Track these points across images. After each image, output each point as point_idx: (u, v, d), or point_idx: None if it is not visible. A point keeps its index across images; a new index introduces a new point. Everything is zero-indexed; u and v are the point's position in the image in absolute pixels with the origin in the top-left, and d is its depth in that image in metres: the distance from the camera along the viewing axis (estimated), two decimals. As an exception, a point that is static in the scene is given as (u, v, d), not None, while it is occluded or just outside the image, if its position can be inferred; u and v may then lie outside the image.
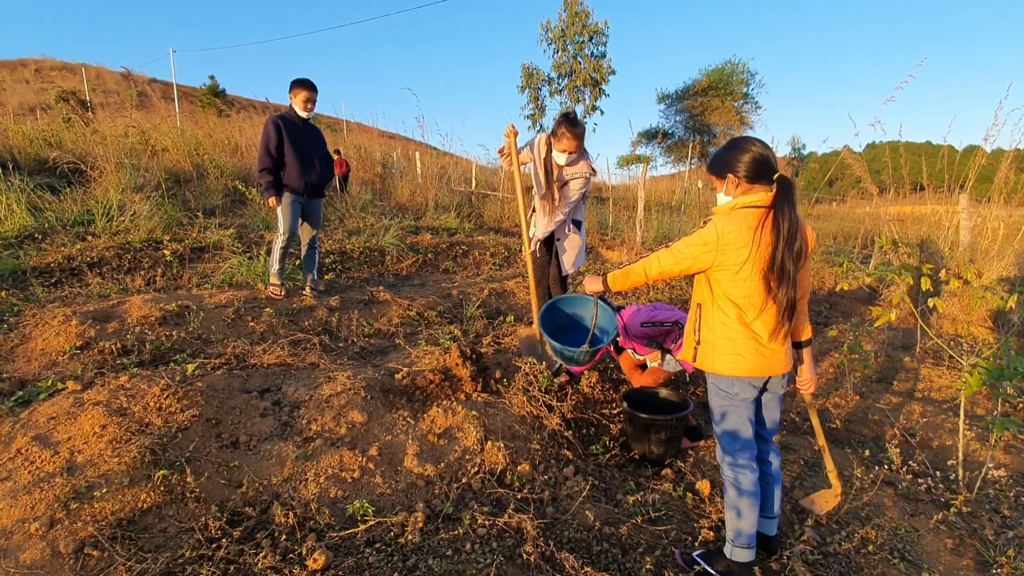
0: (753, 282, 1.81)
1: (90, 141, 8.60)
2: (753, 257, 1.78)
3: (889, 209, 7.51)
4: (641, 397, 3.01)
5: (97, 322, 3.48)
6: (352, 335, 3.95)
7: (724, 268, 1.82)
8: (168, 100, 22.03)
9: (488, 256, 7.61)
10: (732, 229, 1.79)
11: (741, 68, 23.99)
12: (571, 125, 3.27)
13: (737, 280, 1.82)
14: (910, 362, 4.69)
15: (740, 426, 1.94)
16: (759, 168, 1.84)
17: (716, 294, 1.89)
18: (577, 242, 3.64)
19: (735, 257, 1.79)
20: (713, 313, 1.90)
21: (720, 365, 1.88)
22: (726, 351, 1.87)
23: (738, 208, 1.86)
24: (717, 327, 1.88)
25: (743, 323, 1.85)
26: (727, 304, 1.87)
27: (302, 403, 2.72)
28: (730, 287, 1.84)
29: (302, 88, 4.16)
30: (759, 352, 1.85)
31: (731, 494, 1.97)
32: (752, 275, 1.80)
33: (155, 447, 2.20)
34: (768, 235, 1.79)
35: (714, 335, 1.89)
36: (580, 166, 3.46)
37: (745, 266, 1.79)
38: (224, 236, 5.86)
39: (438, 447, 2.56)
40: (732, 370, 1.87)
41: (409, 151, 15.22)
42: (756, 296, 1.82)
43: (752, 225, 1.80)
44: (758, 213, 1.82)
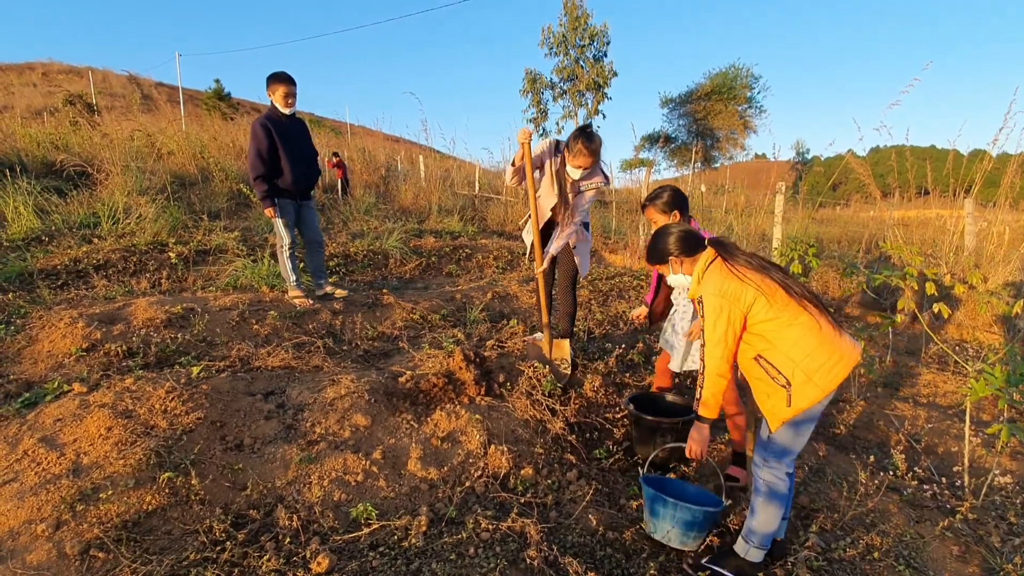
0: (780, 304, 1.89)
1: (96, 144, 8.66)
2: (757, 287, 1.89)
3: (893, 213, 7.49)
4: (646, 400, 3.01)
5: (103, 324, 3.50)
6: (356, 338, 3.95)
7: (754, 311, 1.90)
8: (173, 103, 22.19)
9: (491, 259, 7.62)
10: (718, 282, 1.92)
11: (745, 72, 24.01)
12: (588, 141, 3.10)
13: (772, 311, 1.88)
14: (916, 367, 4.67)
15: (803, 436, 1.96)
16: (688, 241, 2.08)
17: (771, 337, 1.91)
18: (588, 244, 3.65)
19: (748, 297, 1.89)
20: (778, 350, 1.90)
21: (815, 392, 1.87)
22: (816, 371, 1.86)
23: (702, 272, 2.01)
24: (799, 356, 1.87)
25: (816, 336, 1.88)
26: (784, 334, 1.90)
27: (306, 406, 2.73)
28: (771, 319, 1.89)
29: (280, 83, 3.99)
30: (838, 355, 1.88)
31: (764, 497, 1.98)
32: (774, 300, 1.88)
33: (160, 449, 2.21)
34: (747, 271, 1.93)
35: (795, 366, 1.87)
36: (595, 179, 3.36)
37: (760, 299, 1.88)
38: (229, 239, 5.89)
39: (441, 451, 2.56)
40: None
41: (412, 154, 15.26)
42: (794, 310, 1.89)
43: (725, 273, 1.94)
44: (718, 263, 1.98)
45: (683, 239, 2.08)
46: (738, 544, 2.05)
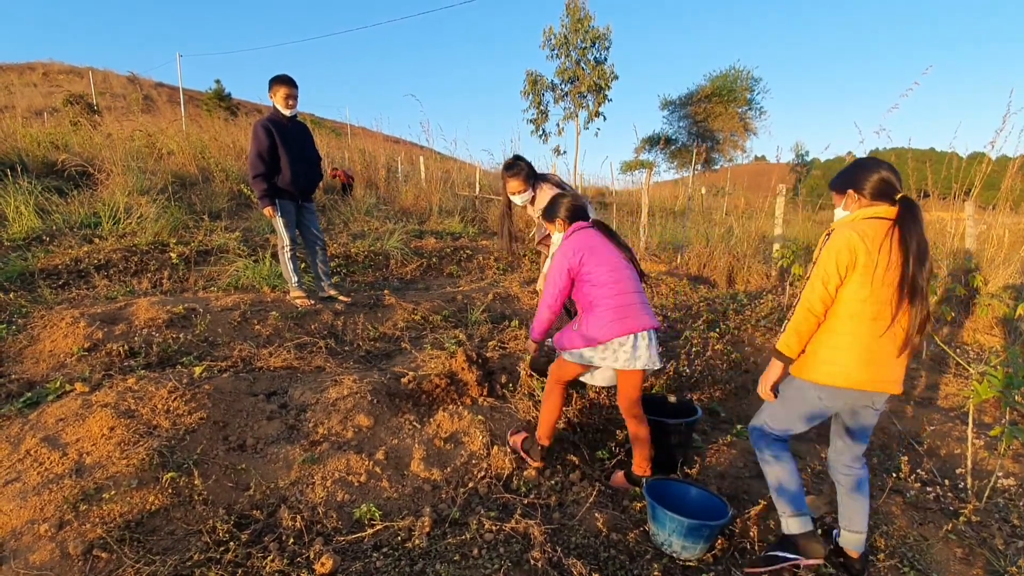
0: (885, 291, 1.82)
1: (97, 144, 8.65)
2: (882, 267, 1.78)
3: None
4: (649, 402, 3.00)
5: (105, 324, 3.50)
6: (358, 339, 3.95)
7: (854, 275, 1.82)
8: (174, 104, 22.18)
9: (492, 261, 7.62)
10: (857, 235, 1.80)
11: (745, 74, 24.03)
12: (506, 170, 3.41)
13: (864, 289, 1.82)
14: (916, 369, 4.67)
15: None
16: (883, 187, 1.85)
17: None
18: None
19: (868, 271, 1.80)
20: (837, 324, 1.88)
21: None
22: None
23: (860, 219, 1.87)
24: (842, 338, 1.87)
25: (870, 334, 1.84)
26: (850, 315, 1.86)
27: (308, 406, 2.72)
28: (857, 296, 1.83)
29: (281, 85, 4.00)
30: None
31: (764, 461, 2.13)
32: (883, 284, 1.81)
33: (163, 449, 2.21)
34: (896, 249, 1.80)
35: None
36: (543, 199, 3.36)
37: (875, 273, 1.79)
38: (230, 239, 5.88)
39: (444, 451, 2.55)
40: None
41: (413, 155, 15.27)
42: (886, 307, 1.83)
43: (879, 234, 1.81)
44: (884, 224, 1.83)
45: (883, 182, 1.87)
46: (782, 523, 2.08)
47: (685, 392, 3.75)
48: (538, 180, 3.49)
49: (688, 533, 2.02)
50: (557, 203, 2.61)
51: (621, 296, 2.31)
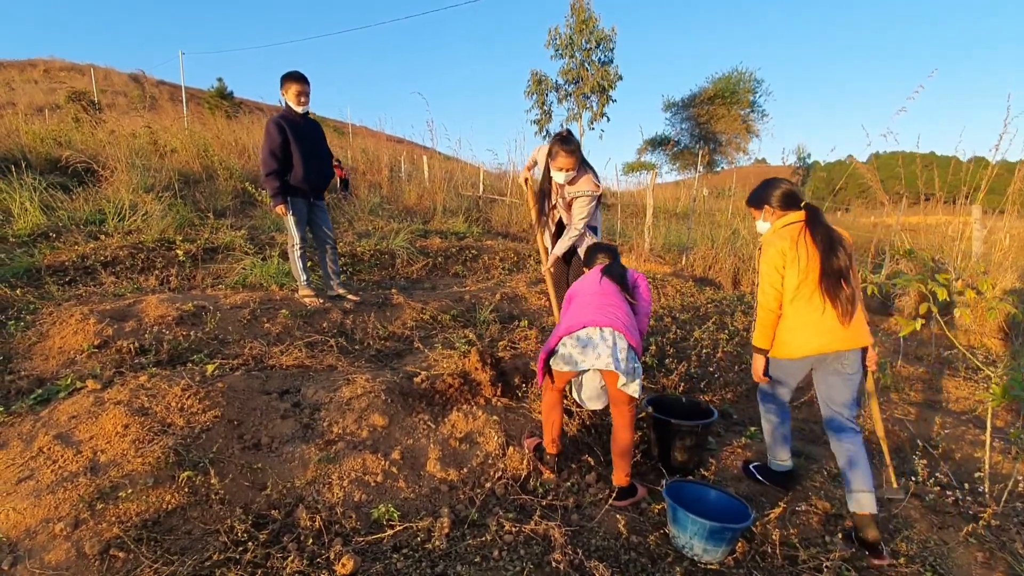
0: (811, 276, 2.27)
1: (100, 141, 8.63)
2: (803, 259, 2.25)
3: (901, 219, 7.49)
4: (664, 402, 2.98)
5: (114, 321, 3.47)
6: (368, 337, 3.93)
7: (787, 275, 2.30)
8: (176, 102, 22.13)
9: (497, 260, 7.61)
10: (780, 242, 2.29)
11: (748, 76, 24.01)
12: (563, 143, 3.23)
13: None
14: (925, 372, 4.65)
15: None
16: (789, 198, 2.38)
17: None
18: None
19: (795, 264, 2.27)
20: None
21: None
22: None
23: (778, 228, 2.36)
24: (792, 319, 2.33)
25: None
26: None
27: (322, 405, 2.70)
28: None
29: (293, 82, 3.98)
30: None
31: (765, 419, 2.61)
32: (808, 272, 2.27)
33: (178, 447, 2.18)
34: (811, 244, 2.28)
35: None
36: (583, 183, 3.37)
37: (799, 265, 2.26)
38: (236, 237, 5.86)
39: (460, 452, 2.53)
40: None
41: (415, 155, 15.25)
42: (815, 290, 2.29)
43: (795, 236, 2.29)
44: (797, 227, 2.32)
45: (786, 195, 2.39)
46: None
47: (696, 394, 3.73)
48: (585, 164, 3.39)
49: (710, 536, 1.99)
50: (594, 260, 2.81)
51: (577, 312, 2.44)
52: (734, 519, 2.08)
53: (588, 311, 2.37)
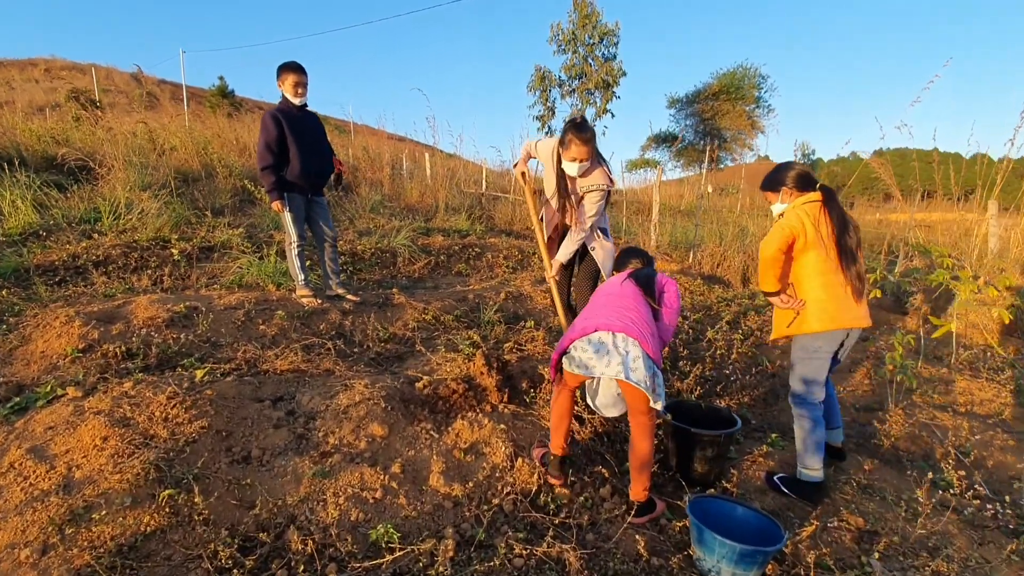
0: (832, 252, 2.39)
1: (98, 139, 8.47)
2: (824, 234, 2.36)
3: (915, 215, 7.29)
4: (681, 409, 2.81)
5: (101, 323, 3.31)
6: (367, 340, 3.76)
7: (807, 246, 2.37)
8: (177, 101, 21.97)
9: (501, 259, 7.44)
10: (803, 213, 2.38)
11: (753, 72, 23.78)
12: (577, 131, 2.93)
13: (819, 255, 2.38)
14: (947, 373, 4.46)
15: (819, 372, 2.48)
16: (805, 178, 2.50)
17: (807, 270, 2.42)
18: (609, 248, 3.40)
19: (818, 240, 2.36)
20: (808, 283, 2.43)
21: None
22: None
23: (800, 204, 2.43)
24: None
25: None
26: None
27: (318, 413, 2.53)
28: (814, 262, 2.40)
29: (290, 72, 3.78)
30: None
31: (800, 426, 2.49)
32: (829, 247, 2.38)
33: (160, 462, 2.02)
34: (829, 222, 2.38)
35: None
36: (595, 176, 3.11)
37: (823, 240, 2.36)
38: (233, 235, 5.70)
39: (465, 464, 2.36)
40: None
41: (416, 153, 15.08)
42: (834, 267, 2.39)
43: (816, 212, 2.39)
44: (816, 205, 2.41)
45: (802, 176, 2.51)
46: (800, 472, 2.49)
47: (712, 398, 3.55)
48: (599, 157, 3.15)
49: (740, 560, 1.82)
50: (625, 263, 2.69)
51: (592, 314, 2.30)
52: (765, 540, 1.91)
53: (603, 313, 2.20)
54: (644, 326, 2.16)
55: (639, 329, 2.12)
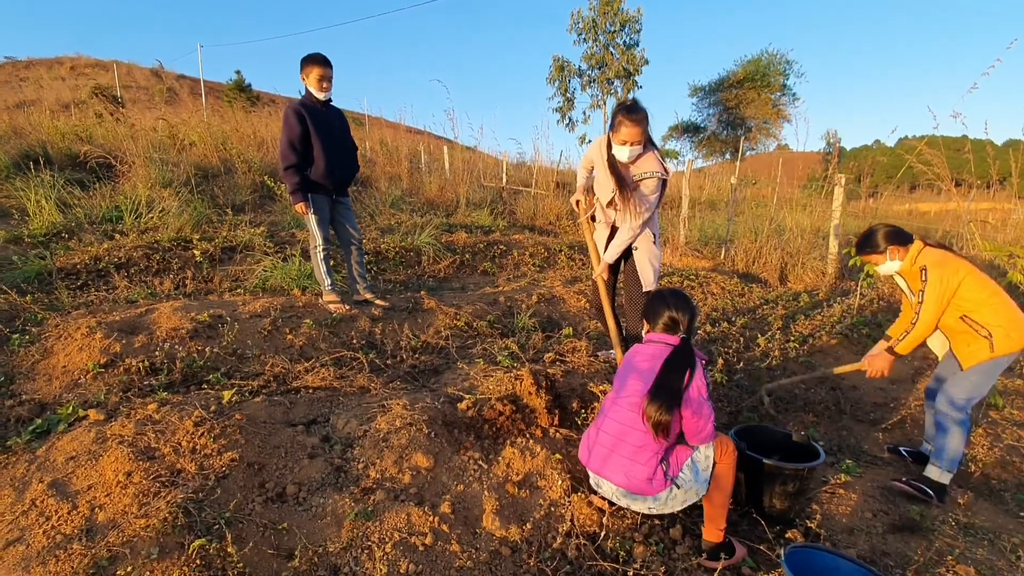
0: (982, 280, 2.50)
1: (120, 135, 8.38)
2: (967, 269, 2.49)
3: (970, 207, 6.87)
4: (750, 433, 2.55)
5: (123, 335, 3.14)
6: (400, 351, 3.55)
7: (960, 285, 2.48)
8: (195, 96, 22.00)
9: (527, 256, 7.19)
10: (950, 263, 2.50)
11: (779, 58, 23.04)
12: (628, 112, 2.76)
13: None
14: (1016, 383, 4.13)
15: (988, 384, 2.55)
16: (903, 234, 2.63)
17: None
18: (655, 253, 3.13)
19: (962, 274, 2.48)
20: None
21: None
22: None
23: (926, 254, 2.54)
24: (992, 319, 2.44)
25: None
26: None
27: (355, 440, 2.32)
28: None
29: (314, 64, 3.56)
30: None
31: (956, 431, 2.53)
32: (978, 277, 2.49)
33: (189, 504, 1.82)
34: (954, 254, 2.57)
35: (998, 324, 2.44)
36: (648, 162, 2.87)
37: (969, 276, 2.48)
38: (255, 235, 5.53)
39: (519, 500, 2.14)
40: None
41: (433, 147, 14.84)
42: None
43: (950, 257, 2.53)
44: (939, 251, 2.56)
45: (896, 234, 2.62)
46: (931, 470, 2.55)
47: (771, 418, 3.28)
48: (651, 143, 2.91)
49: None
50: (656, 310, 2.19)
51: (597, 433, 2.10)
52: None
53: (598, 452, 2.07)
54: (642, 471, 1.95)
55: (631, 480, 1.96)
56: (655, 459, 1.93)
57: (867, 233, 2.67)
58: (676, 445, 2.00)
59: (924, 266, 2.48)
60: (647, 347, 2.10)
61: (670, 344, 2.06)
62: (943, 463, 2.53)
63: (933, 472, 2.55)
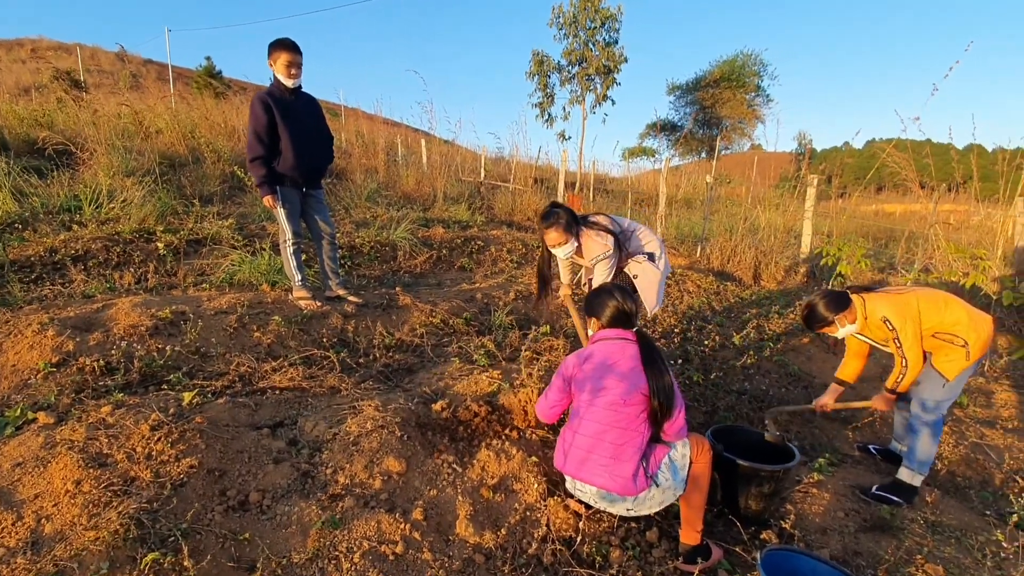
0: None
1: (82, 121, 8.02)
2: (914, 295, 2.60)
3: (936, 209, 7.04)
4: (725, 433, 2.54)
5: (77, 332, 2.98)
6: (373, 349, 3.45)
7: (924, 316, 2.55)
8: (163, 82, 21.28)
9: (505, 252, 7.12)
10: (901, 303, 2.55)
11: (754, 59, 23.37)
12: (543, 221, 3.00)
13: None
14: (985, 384, 4.24)
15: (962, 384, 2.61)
16: (844, 297, 2.59)
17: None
18: (655, 275, 3.08)
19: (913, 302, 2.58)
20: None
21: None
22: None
23: (880, 300, 2.58)
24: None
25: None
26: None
27: (324, 444, 2.24)
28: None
29: (282, 50, 3.38)
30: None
31: (929, 435, 2.57)
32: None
33: (143, 515, 1.71)
34: (905, 290, 2.64)
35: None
36: (590, 248, 2.99)
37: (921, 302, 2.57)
38: (223, 227, 5.34)
39: (494, 505, 2.08)
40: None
41: (411, 140, 14.63)
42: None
43: (901, 295, 2.60)
44: (887, 294, 2.63)
45: (837, 299, 2.58)
46: (904, 473, 2.59)
47: (742, 414, 3.30)
48: (579, 226, 3.01)
49: None
50: (603, 303, 2.15)
51: (573, 436, 2.02)
52: None
53: (575, 455, 1.99)
54: (623, 469, 1.90)
55: (612, 480, 1.91)
56: (638, 455, 1.91)
57: (809, 312, 2.65)
58: (653, 443, 1.98)
59: (884, 316, 2.51)
60: (611, 345, 2.05)
61: (629, 339, 2.05)
62: (915, 465, 2.57)
63: (905, 474, 2.58)
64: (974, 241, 6.62)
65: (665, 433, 1.96)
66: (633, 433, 1.91)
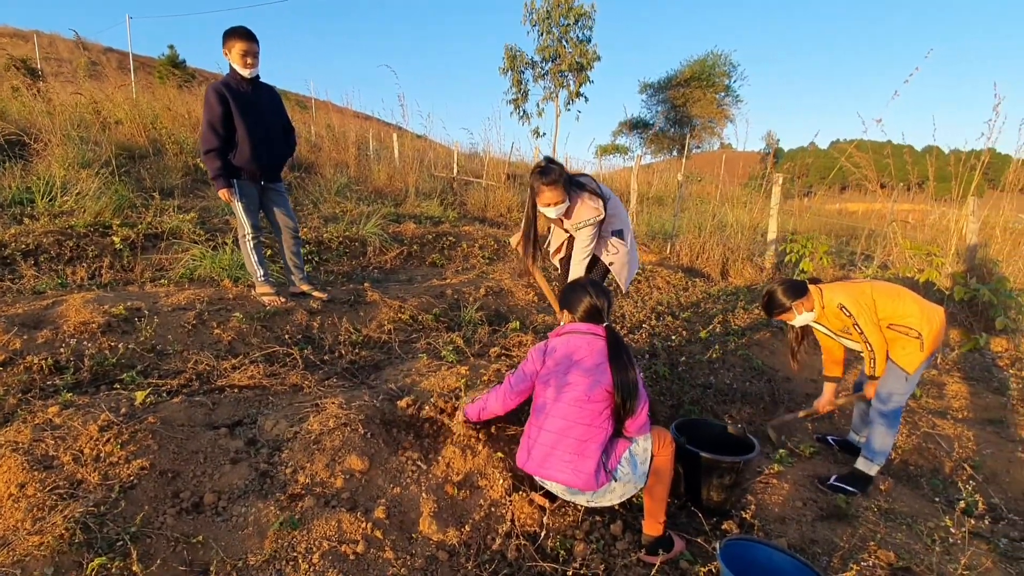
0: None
1: (36, 111, 7.66)
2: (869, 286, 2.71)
3: (895, 207, 7.30)
4: (689, 426, 2.58)
5: (25, 329, 2.85)
6: (339, 346, 3.39)
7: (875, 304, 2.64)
8: (124, 71, 20.48)
9: (477, 248, 7.09)
10: (855, 293, 2.62)
11: (724, 60, 23.79)
12: (542, 176, 2.77)
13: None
14: (937, 376, 4.41)
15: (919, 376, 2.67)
16: (801, 284, 2.69)
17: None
18: (624, 253, 3.11)
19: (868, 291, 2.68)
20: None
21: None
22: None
23: (836, 290, 2.66)
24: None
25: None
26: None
27: (284, 443, 2.18)
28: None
29: (237, 39, 3.26)
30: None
31: (886, 427, 2.64)
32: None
33: (89, 519, 1.64)
34: (859, 281, 2.78)
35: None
36: (581, 211, 2.89)
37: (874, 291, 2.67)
38: (184, 221, 5.17)
39: (459, 502, 2.07)
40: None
41: (383, 134, 14.43)
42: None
43: (853, 284, 2.72)
44: (842, 283, 2.77)
45: (795, 286, 2.67)
46: (861, 463, 2.67)
47: (709, 409, 3.35)
48: (575, 188, 2.90)
49: None
50: (577, 298, 2.15)
51: (538, 432, 2.01)
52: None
53: (539, 451, 1.98)
54: (592, 459, 1.91)
55: (587, 472, 1.90)
56: (599, 450, 1.91)
57: (768, 299, 2.71)
58: (614, 438, 1.99)
59: (840, 303, 2.56)
60: (579, 339, 2.05)
61: (599, 335, 2.05)
62: (872, 455, 2.64)
63: (862, 464, 2.66)
64: (930, 239, 6.87)
65: (627, 429, 1.97)
66: (597, 430, 1.92)
